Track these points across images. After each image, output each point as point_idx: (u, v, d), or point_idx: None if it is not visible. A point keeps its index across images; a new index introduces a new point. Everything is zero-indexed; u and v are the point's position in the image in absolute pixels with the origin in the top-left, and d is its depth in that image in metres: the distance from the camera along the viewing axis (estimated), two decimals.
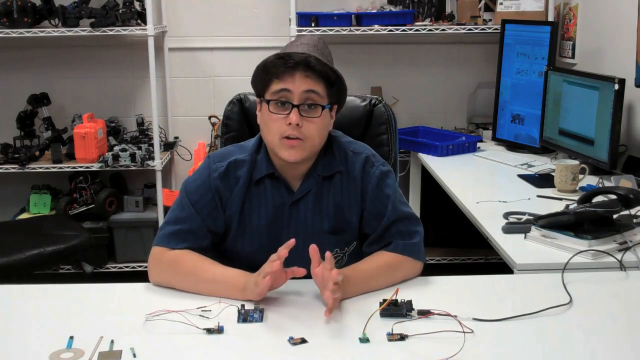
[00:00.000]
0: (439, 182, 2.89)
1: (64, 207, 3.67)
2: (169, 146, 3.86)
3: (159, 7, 3.83)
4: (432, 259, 3.80)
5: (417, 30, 3.59)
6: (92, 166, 3.55)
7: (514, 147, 3.42)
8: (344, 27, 3.55)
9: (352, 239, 1.77)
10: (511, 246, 2.00)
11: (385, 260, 1.69)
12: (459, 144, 3.32)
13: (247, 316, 1.49)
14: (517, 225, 2.12)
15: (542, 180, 2.74)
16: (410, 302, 1.51)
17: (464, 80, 4.00)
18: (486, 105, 3.86)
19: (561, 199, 2.46)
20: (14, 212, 3.82)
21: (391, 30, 3.57)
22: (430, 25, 3.63)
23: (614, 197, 2.01)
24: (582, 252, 1.86)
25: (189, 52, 3.93)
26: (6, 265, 2.72)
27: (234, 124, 2.07)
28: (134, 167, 3.60)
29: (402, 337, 1.40)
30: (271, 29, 3.87)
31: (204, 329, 1.43)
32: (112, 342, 1.38)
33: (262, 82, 1.68)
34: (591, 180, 2.62)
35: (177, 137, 3.98)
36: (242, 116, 2.07)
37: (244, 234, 1.74)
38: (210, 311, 1.51)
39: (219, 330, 1.43)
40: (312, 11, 3.64)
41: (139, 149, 3.64)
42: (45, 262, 2.86)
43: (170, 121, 3.97)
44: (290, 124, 1.62)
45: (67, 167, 3.58)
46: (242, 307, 1.51)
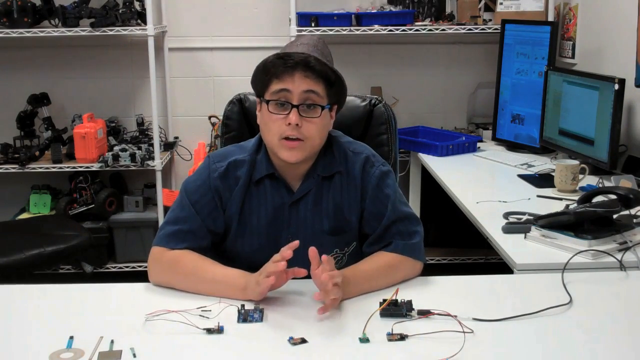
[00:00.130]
0: (439, 182, 2.89)
1: (64, 207, 3.67)
2: (169, 146, 3.86)
3: (159, 7, 3.83)
4: (432, 259, 3.80)
5: (417, 30, 3.59)
6: (92, 166, 3.55)
7: (514, 147, 3.42)
8: (344, 27, 3.55)
9: (352, 239, 1.77)
10: (511, 246, 2.00)
11: (385, 260, 1.69)
12: (459, 144, 3.32)
13: (247, 316, 1.49)
14: (517, 225, 2.12)
15: (542, 180, 2.74)
16: (410, 302, 1.51)
17: (464, 80, 3.99)
18: (486, 105, 3.86)
19: (561, 199, 2.46)
20: (14, 212, 3.82)
21: (391, 30, 3.57)
22: (430, 25, 3.63)
23: (614, 197, 2.01)
24: (582, 252, 1.86)
25: (189, 52, 3.93)
26: (6, 265, 2.72)
27: (234, 124, 2.07)
28: (134, 167, 3.60)
29: (402, 337, 1.40)
30: (271, 29, 3.87)
31: (204, 329, 1.43)
32: (112, 342, 1.38)
33: (261, 82, 1.68)
34: (591, 180, 2.62)
35: (177, 137, 3.98)
36: (242, 116, 2.07)
37: (243, 234, 1.74)
38: (210, 311, 1.51)
39: (219, 330, 1.43)
40: (312, 11, 3.63)
41: (139, 149, 3.64)
42: (45, 262, 2.86)
43: (170, 121, 3.98)
44: (289, 124, 1.62)
45: (67, 167, 3.58)
46: (242, 307, 1.51)
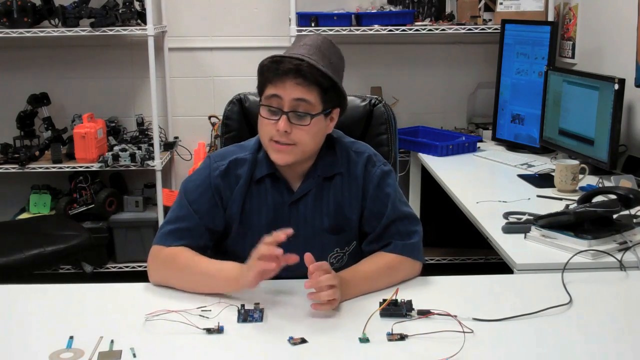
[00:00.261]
0: (439, 182, 2.89)
1: (64, 207, 3.66)
2: (169, 146, 3.86)
3: (159, 7, 3.83)
4: (432, 259, 3.80)
5: (417, 30, 3.59)
6: (92, 166, 3.55)
7: (514, 147, 3.42)
8: (344, 27, 3.55)
9: (352, 238, 1.78)
10: (511, 246, 2.00)
11: (384, 261, 1.69)
12: (459, 144, 3.32)
13: (247, 316, 1.49)
14: (517, 225, 2.12)
15: (542, 180, 2.74)
16: (410, 302, 1.51)
17: (464, 80, 3.99)
18: (486, 105, 3.86)
19: (561, 199, 2.46)
20: (14, 212, 3.82)
21: (391, 30, 3.57)
22: (430, 25, 3.63)
23: (614, 197, 2.01)
24: (582, 252, 1.86)
25: (189, 52, 3.93)
26: (6, 265, 2.72)
27: (233, 124, 2.07)
28: (134, 167, 3.60)
29: (402, 337, 1.40)
30: (271, 29, 3.87)
31: (204, 329, 1.43)
32: (112, 342, 1.38)
33: (259, 83, 1.68)
34: (591, 180, 2.62)
35: (177, 137, 3.98)
36: (242, 116, 2.07)
37: (245, 233, 1.74)
38: (210, 311, 1.51)
39: (219, 330, 1.43)
40: (312, 11, 3.63)
41: (139, 149, 3.64)
42: (45, 262, 2.86)
43: (170, 121, 3.98)
44: (279, 130, 1.62)
45: (67, 167, 3.58)
46: (242, 307, 1.51)
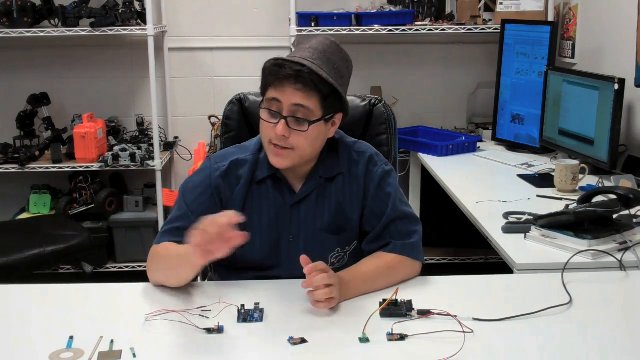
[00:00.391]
0: (439, 182, 2.89)
1: (64, 207, 3.66)
2: (168, 146, 3.86)
3: (158, 7, 3.83)
4: (432, 259, 3.80)
5: (417, 30, 3.59)
6: (92, 166, 3.55)
7: (514, 147, 3.42)
8: (344, 27, 3.55)
9: (353, 238, 1.78)
10: (511, 246, 2.00)
11: (384, 261, 1.69)
12: (459, 144, 3.32)
13: (247, 316, 1.49)
14: (517, 225, 2.12)
15: (542, 180, 2.74)
16: (410, 302, 1.51)
17: (464, 80, 3.99)
18: (486, 105, 3.86)
19: (561, 199, 2.46)
20: (14, 212, 3.82)
21: (391, 30, 3.57)
22: (430, 25, 3.63)
23: (614, 197, 2.01)
24: (582, 252, 1.86)
25: (188, 52, 3.93)
26: (6, 265, 2.72)
27: (233, 124, 2.07)
28: (133, 167, 3.60)
29: (402, 337, 1.40)
30: (271, 29, 3.87)
31: (204, 329, 1.43)
32: (112, 342, 1.38)
33: (262, 85, 1.67)
34: (591, 180, 2.62)
35: (177, 137, 3.98)
36: (242, 116, 2.07)
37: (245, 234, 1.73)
38: (210, 311, 1.51)
39: (219, 330, 1.43)
40: (312, 11, 3.63)
41: (139, 149, 3.64)
42: (45, 262, 2.86)
43: (170, 121, 3.97)
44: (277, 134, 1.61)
45: (67, 167, 3.58)
46: (242, 307, 1.51)
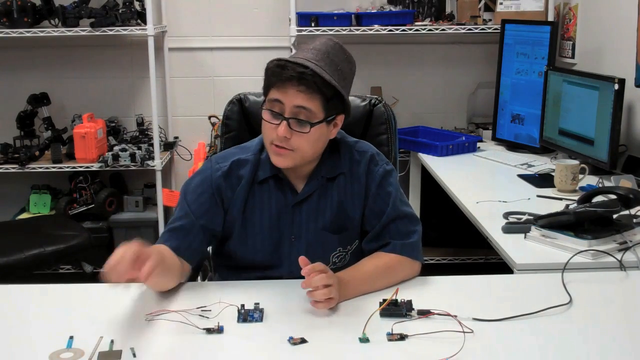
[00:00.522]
0: (439, 182, 2.89)
1: (64, 207, 3.66)
2: (168, 146, 3.86)
3: (159, 7, 3.83)
4: (432, 259, 3.80)
5: (417, 30, 3.59)
6: (92, 166, 3.55)
7: (514, 147, 3.42)
8: (344, 27, 3.55)
9: (354, 237, 1.78)
10: (511, 246, 2.00)
11: (383, 261, 1.69)
12: (459, 144, 3.32)
13: (247, 316, 1.49)
14: (517, 225, 2.12)
15: (542, 180, 2.74)
16: (410, 302, 1.51)
17: (464, 80, 3.99)
18: (486, 105, 3.86)
19: (561, 199, 2.46)
20: (14, 212, 3.82)
21: (391, 30, 3.57)
22: (430, 25, 3.63)
23: (614, 197, 2.01)
24: (582, 252, 1.86)
25: (188, 52, 3.93)
26: (6, 265, 2.72)
27: (233, 124, 2.07)
28: (133, 167, 3.60)
29: (402, 337, 1.40)
30: (271, 29, 3.87)
31: (204, 329, 1.43)
32: (112, 342, 1.38)
33: (264, 85, 1.67)
34: (591, 180, 2.62)
35: (177, 137, 3.98)
36: (242, 116, 2.07)
37: (246, 234, 1.74)
38: (210, 311, 1.51)
39: (219, 330, 1.43)
40: (312, 11, 3.63)
41: (139, 149, 3.64)
42: (45, 262, 2.86)
43: (170, 121, 3.97)
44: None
45: (67, 167, 3.58)
46: (242, 307, 1.51)
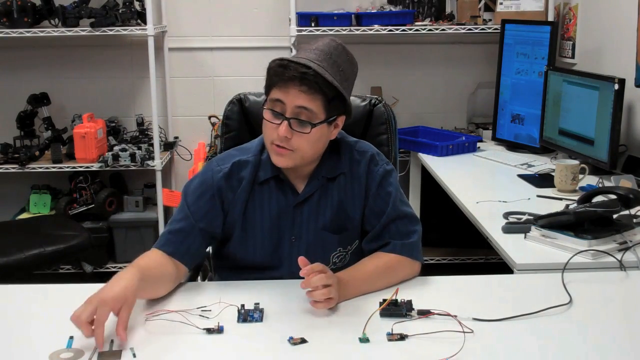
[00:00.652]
0: (439, 182, 2.89)
1: (64, 207, 3.66)
2: (169, 146, 3.86)
3: (159, 7, 3.83)
4: (432, 259, 3.80)
5: (417, 30, 3.59)
6: (92, 166, 3.55)
7: (514, 147, 3.42)
8: (344, 27, 3.55)
9: (354, 237, 1.78)
10: (511, 246, 2.00)
11: (383, 261, 1.69)
12: (459, 144, 3.32)
13: (247, 316, 1.49)
14: (517, 225, 2.12)
15: (542, 180, 2.74)
16: (410, 302, 1.51)
17: (464, 80, 3.99)
18: (486, 105, 3.86)
19: (561, 199, 2.46)
20: (14, 212, 3.82)
21: (391, 30, 3.57)
22: (430, 25, 3.63)
23: (614, 197, 2.01)
24: (582, 252, 1.86)
25: (188, 52, 3.93)
26: (6, 265, 2.72)
27: (233, 124, 2.07)
28: (134, 167, 3.60)
29: (402, 337, 1.40)
30: (271, 29, 3.87)
31: (204, 329, 1.43)
32: (112, 342, 1.38)
33: (266, 84, 1.67)
34: (591, 180, 2.62)
35: (177, 137, 3.98)
36: (242, 116, 2.07)
37: (247, 235, 1.74)
38: (210, 311, 1.51)
39: (219, 330, 1.43)
40: (312, 11, 3.63)
41: (139, 149, 3.64)
42: (45, 262, 2.86)
43: (170, 121, 3.97)
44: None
45: (67, 167, 3.58)
46: (242, 307, 1.51)
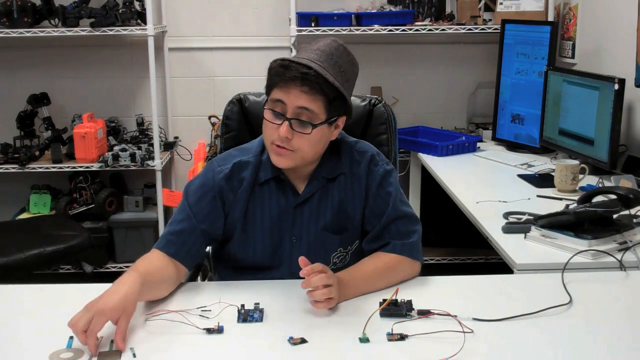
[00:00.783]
0: (439, 182, 2.89)
1: (64, 207, 3.66)
2: (168, 146, 3.86)
3: (158, 7, 3.83)
4: (432, 259, 3.80)
5: (417, 30, 3.59)
6: (92, 166, 3.55)
7: (514, 147, 3.42)
8: (344, 27, 3.55)
9: (355, 237, 1.78)
10: (511, 246, 2.00)
11: (383, 261, 1.69)
12: (459, 144, 3.32)
13: (247, 316, 1.49)
14: (517, 225, 2.12)
15: (542, 180, 2.74)
16: (410, 302, 1.51)
17: (464, 80, 3.99)
18: (486, 105, 3.86)
19: (561, 199, 2.46)
20: (14, 212, 3.82)
21: (391, 30, 3.57)
22: (430, 25, 3.63)
23: (614, 197, 2.01)
24: (582, 252, 1.86)
25: (188, 52, 3.93)
26: (6, 265, 2.72)
27: (233, 124, 2.07)
28: (133, 167, 3.60)
29: (402, 337, 1.40)
30: (271, 29, 3.87)
31: (204, 329, 1.43)
32: (111, 342, 1.38)
33: (267, 84, 1.67)
34: (591, 180, 2.62)
35: (177, 137, 3.98)
36: (242, 116, 2.07)
37: (247, 236, 1.74)
38: (210, 311, 1.51)
39: (219, 330, 1.43)
40: (312, 11, 3.63)
41: (139, 149, 3.64)
42: (45, 262, 2.85)
43: (170, 121, 3.97)
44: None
45: (67, 167, 3.58)
46: (242, 307, 1.51)
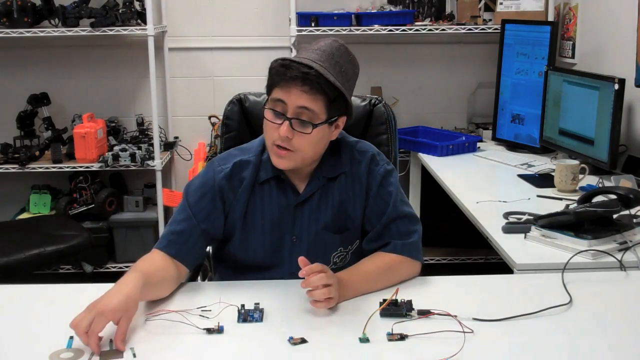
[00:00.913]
0: (439, 182, 2.89)
1: (64, 207, 3.66)
2: (169, 146, 3.86)
3: (158, 7, 3.83)
4: (432, 259, 3.80)
5: (417, 30, 3.59)
6: (92, 166, 3.55)
7: (514, 147, 3.42)
8: (344, 27, 3.55)
9: (355, 237, 1.78)
10: (511, 246, 2.00)
11: (384, 261, 1.69)
12: (459, 144, 3.32)
13: (247, 316, 1.49)
14: (517, 225, 2.12)
15: (542, 180, 2.74)
16: (410, 302, 1.51)
17: (464, 80, 3.99)
18: (486, 105, 3.86)
19: (561, 199, 2.46)
20: (14, 212, 3.82)
21: (391, 30, 3.57)
22: (430, 25, 3.63)
23: (614, 197, 2.01)
24: (582, 252, 1.86)
25: (188, 52, 3.93)
26: (6, 265, 2.72)
27: (233, 124, 2.07)
28: (134, 167, 3.60)
29: (402, 337, 1.40)
30: (271, 29, 3.87)
31: (204, 329, 1.43)
32: (111, 342, 1.38)
33: (268, 84, 1.67)
34: (591, 180, 2.62)
35: (177, 137, 3.98)
36: (242, 116, 2.07)
37: (247, 236, 1.74)
38: (210, 311, 1.51)
39: (219, 330, 1.43)
40: (312, 11, 3.63)
41: (139, 148, 3.64)
42: (45, 262, 2.85)
43: (170, 121, 3.97)
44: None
45: (67, 167, 3.58)
46: (242, 307, 1.51)
